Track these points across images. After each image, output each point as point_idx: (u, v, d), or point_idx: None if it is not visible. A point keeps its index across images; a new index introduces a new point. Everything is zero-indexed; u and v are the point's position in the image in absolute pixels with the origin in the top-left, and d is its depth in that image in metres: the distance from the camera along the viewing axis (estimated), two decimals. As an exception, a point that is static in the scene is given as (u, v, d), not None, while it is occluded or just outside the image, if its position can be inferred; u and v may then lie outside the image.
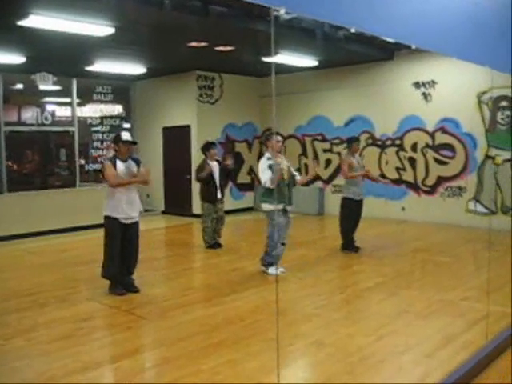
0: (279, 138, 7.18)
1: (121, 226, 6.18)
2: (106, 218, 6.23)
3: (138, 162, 6.42)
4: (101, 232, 6.25)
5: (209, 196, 8.78)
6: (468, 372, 3.89)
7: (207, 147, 8.94)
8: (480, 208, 10.57)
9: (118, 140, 6.29)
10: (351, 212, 8.35)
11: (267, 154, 6.96)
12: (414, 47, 3.25)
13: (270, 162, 6.80)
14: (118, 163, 6.21)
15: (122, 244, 6.23)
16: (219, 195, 8.80)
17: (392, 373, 4.11)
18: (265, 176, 6.79)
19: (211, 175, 8.67)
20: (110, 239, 6.24)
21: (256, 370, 4.09)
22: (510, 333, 4.63)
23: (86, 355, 4.50)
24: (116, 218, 6.14)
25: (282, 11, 2.11)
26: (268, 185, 6.74)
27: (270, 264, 7.02)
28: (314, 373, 4.21)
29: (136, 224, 6.34)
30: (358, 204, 8.41)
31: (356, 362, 4.26)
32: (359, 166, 8.42)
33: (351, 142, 8.57)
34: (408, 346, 4.58)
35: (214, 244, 8.93)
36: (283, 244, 7.05)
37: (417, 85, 11.23)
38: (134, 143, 6.47)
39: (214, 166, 8.78)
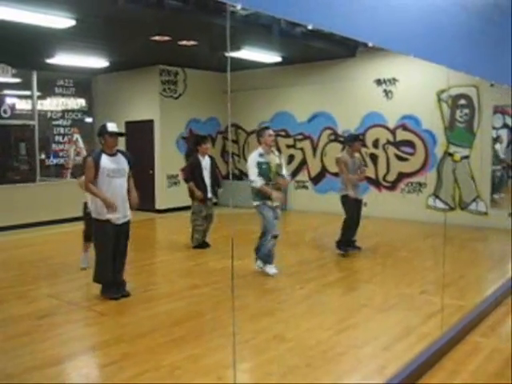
0: (271, 131, 6.82)
1: (113, 227, 5.68)
2: (95, 220, 5.74)
3: (128, 158, 5.85)
4: (61, 228, 6.08)
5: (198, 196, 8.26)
6: (424, 363, 3.99)
7: (198, 141, 8.36)
8: (439, 204, 10.80)
9: (103, 132, 5.69)
10: (351, 209, 7.89)
11: (260, 150, 6.72)
12: (370, 45, 3.30)
13: (260, 159, 6.63)
14: (104, 158, 5.62)
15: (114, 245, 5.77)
16: (209, 195, 8.29)
17: (350, 365, 4.19)
18: (251, 175, 6.64)
19: (200, 173, 8.15)
20: (102, 243, 5.74)
21: (216, 365, 4.11)
22: (463, 325, 4.77)
23: (44, 352, 4.45)
24: (107, 221, 5.64)
25: (239, 7, 2.12)
26: (254, 185, 6.60)
27: (266, 261, 6.89)
28: (273, 366, 4.25)
29: (128, 223, 5.88)
30: (357, 203, 8.02)
31: (315, 356, 4.32)
32: (354, 168, 7.93)
33: (353, 140, 8.09)
34: (366, 339, 4.67)
35: (202, 243, 8.47)
36: (275, 237, 6.86)
37: (378, 82, 11.39)
38: (121, 135, 5.91)
39: (206, 163, 8.26)
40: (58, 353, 4.47)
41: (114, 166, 5.67)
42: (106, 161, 5.62)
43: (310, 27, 2.59)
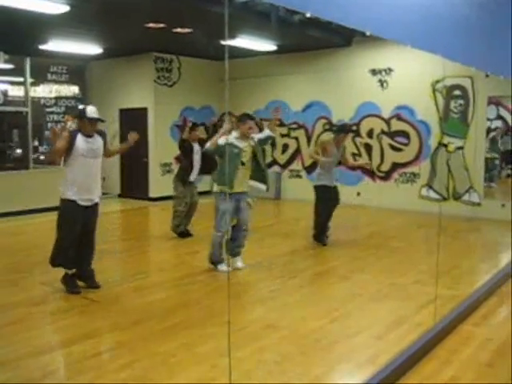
0: (252, 123, 6.45)
1: (79, 208, 5.47)
2: (62, 200, 5.50)
3: (103, 136, 5.71)
4: (54, 215, 5.91)
5: (182, 175, 8.27)
6: (416, 352, 4.01)
7: (191, 129, 8.43)
8: (433, 194, 10.84)
9: (82, 115, 5.50)
10: (325, 199, 7.75)
11: (235, 134, 6.38)
12: (368, 34, 3.29)
13: (230, 141, 6.28)
14: (80, 139, 5.40)
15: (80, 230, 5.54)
16: (191, 178, 8.24)
17: (343, 354, 4.21)
18: (211, 141, 6.37)
19: (190, 156, 8.19)
20: (65, 224, 5.50)
21: (211, 353, 4.12)
22: (456, 314, 4.80)
23: (38, 340, 4.45)
24: (74, 201, 5.43)
25: (237, -6, 2.10)
26: (206, 147, 6.39)
27: (217, 261, 6.52)
28: (267, 354, 4.26)
29: (95, 206, 5.65)
30: (333, 190, 7.82)
31: (309, 344, 4.34)
32: (337, 154, 7.78)
33: (340, 131, 8.00)
34: (359, 328, 4.69)
35: (182, 232, 8.41)
36: (245, 230, 6.58)
37: (373, 72, 11.37)
38: (101, 121, 5.72)
39: (197, 149, 8.23)
40: (51, 340, 4.48)
41: (89, 146, 5.50)
42: (81, 141, 5.45)
43: (308, 15, 2.57)
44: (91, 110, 5.54)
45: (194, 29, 9.55)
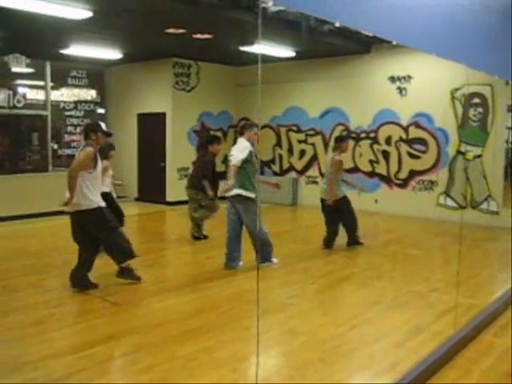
0: (256, 129, 6.95)
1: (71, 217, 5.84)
2: (94, 209, 5.75)
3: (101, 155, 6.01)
4: None
5: (197, 184, 8.26)
6: (437, 360, 4.00)
7: (211, 141, 8.36)
8: (450, 202, 10.78)
9: (97, 129, 5.70)
10: (323, 210, 8.18)
11: (246, 143, 6.70)
12: (394, 43, 3.31)
13: (251, 149, 6.65)
14: (97, 155, 5.66)
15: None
16: (209, 192, 8.22)
17: (363, 361, 4.21)
18: (240, 155, 6.60)
19: (212, 172, 8.23)
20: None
21: (231, 358, 4.15)
22: (476, 323, 4.78)
23: (59, 341, 4.50)
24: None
25: (270, 3, 2.14)
26: (234, 163, 6.53)
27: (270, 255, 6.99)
28: (287, 360, 4.28)
29: (82, 213, 5.75)
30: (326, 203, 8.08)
31: (329, 351, 4.35)
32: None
33: (342, 141, 8.13)
34: (378, 335, 4.69)
35: (199, 236, 8.49)
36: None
37: (392, 79, 11.35)
38: (110, 134, 6.08)
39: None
40: (72, 342, 4.52)
41: (100, 164, 5.78)
42: (98, 157, 5.65)
43: (337, 24, 2.60)
44: (104, 125, 5.83)
45: (213, 35, 9.60)
